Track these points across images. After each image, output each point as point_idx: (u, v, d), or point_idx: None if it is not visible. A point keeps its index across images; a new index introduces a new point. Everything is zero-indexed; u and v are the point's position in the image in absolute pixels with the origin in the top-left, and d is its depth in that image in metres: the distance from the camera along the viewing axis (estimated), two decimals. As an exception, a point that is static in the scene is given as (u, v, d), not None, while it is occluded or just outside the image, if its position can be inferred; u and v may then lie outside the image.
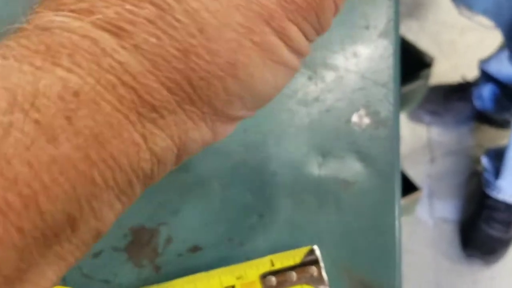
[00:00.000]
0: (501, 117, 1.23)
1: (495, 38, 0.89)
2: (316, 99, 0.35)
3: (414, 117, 1.29)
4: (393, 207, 0.32)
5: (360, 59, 0.36)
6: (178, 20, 0.12)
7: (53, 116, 0.11)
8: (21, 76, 0.11)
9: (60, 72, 0.12)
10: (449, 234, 1.20)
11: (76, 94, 0.11)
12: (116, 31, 0.12)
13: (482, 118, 1.27)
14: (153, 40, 0.12)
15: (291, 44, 0.14)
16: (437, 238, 1.20)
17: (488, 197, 1.13)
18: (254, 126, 0.33)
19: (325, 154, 0.33)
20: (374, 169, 0.33)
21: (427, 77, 0.94)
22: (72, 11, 0.12)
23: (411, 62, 0.94)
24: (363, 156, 0.33)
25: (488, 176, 1.12)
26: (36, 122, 0.11)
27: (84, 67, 0.12)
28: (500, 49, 1.07)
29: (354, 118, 0.34)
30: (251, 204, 0.31)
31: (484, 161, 1.12)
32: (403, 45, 0.98)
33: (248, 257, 0.29)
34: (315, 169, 0.33)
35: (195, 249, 0.30)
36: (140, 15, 0.12)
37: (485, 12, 0.80)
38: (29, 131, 0.11)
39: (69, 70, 0.12)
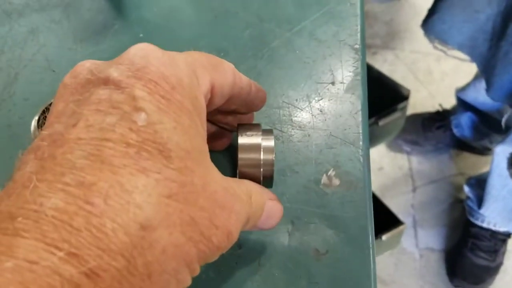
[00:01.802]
0: (481, 144, 1.23)
1: (471, 65, 0.90)
2: (284, 160, 0.33)
3: (394, 147, 1.28)
4: (368, 276, 0.30)
5: (327, 116, 0.34)
6: (136, 269, 0.17)
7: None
8: None
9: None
10: (435, 264, 1.18)
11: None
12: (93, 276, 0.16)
13: (462, 145, 1.27)
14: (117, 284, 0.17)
15: (193, 274, 0.20)
16: (423, 268, 1.18)
17: (472, 225, 1.12)
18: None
19: (294, 220, 0.31)
20: (346, 235, 0.31)
21: (404, 109, 0.94)
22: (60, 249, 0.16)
23: (388, 95, 0.94)
24: (334, 222, 0.31)
25: (471, 204, 1.10)
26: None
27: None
28: (476, 77, 1.07)
29: (324, 179, 0.32)
30: (214, 283, 0.29)
31: (466, 190, 1.11)
32: (380, 79, 0.98)
33: None
34: (285, 238, 0.31)
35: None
36: (112, 265, 0.17)
37: (460, 47, 0.80)
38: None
39: None
